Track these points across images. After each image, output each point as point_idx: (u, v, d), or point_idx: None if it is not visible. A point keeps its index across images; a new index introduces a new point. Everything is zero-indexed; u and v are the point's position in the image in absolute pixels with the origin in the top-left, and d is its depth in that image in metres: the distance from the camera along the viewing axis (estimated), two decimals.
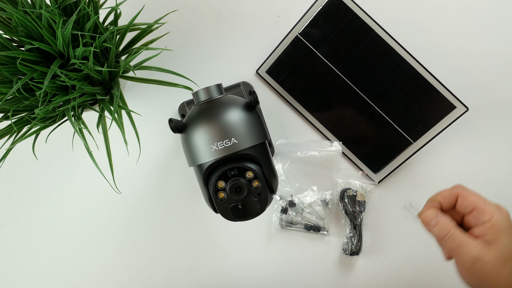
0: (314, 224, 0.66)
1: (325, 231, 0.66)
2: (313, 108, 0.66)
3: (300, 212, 0.66)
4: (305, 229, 0.66)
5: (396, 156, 0.65)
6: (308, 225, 0.66)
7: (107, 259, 0.69)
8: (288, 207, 0.66)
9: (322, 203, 0.66)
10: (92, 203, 0.69)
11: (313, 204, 0.67)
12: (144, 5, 0.54)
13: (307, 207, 0.66)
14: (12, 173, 0.69)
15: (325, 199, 0.66)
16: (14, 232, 0.70)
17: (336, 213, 0.67)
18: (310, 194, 0.67)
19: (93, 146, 0.52)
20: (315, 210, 0.66)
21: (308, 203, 0.66)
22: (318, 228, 0.66)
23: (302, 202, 0.66)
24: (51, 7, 0.47)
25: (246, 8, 0.68)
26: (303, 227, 0.67)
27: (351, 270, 0.67)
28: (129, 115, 0.51)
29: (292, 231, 0.67)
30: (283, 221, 0.67)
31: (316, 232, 0.66)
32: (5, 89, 0.47)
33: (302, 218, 0.66)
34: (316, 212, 0.66)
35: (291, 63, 0.65)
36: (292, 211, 0.66)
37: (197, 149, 0.49)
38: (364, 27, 0.62)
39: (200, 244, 0.68)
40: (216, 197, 0.50)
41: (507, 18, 0.65)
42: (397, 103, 0.64)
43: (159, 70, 0.52)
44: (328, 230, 0.66)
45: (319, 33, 0.64)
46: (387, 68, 0.63)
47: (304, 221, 0.67)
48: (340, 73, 0.64)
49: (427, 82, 0.62)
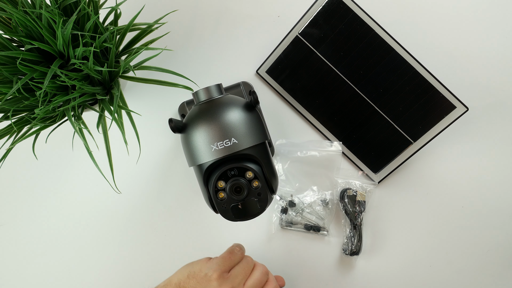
0: (314, 224, 0.66)
1: (325, 231, 0.66)
2: (313, 108, 0.66)
3: (300, 212, 0.66)
4: (305, 229, 0.66)
5: (396, 156, 0.65)
6: (308, 225, 0.66)
7: (107, 259, 0.69)
8: (288, 207, 0.66)
9: (322, 203, 0.66)
10: (92, 203, 0.69)
11: (313, 204, 0.67)
12: (144, 5, 0.54)
13: (307, 207, 0.66)
14: (12, 173, 0.69)
15: (325, 199, 0.66)
16: (14, 232, 0.70)
17: (336, 213, 0.67)
18: (310, 194, 0.67)
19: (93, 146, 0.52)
20: (315, 210, 0.66)
21: (308, 203, 0.66)
22: (318, 228, 0.66)
23: (302, 202, 0.66)
24: (51, 7, 0.47)
25: (246, 8, 0.68)
26: (303, 227, 0.67)
27: (351, 270, 0.67)
28: (129, 115, 0.51)
29: (292, 231, 0.67)
30: (283, 221, 0.67)
31: (316, 232, 0.66)
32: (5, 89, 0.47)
33: (302, 218, 0.66)
34: (316, 212, 0.66)
35: (291, 63, 0.65)
36: (292, 211, 0.66)
37: (197, 149, 0.49)
38: (364, 27, 0.62)
39: (200, 244, 0.68)
40: (216, 197, 0.50)
41: (507, 18, 0.65)
42: (397, 103, 0.64)
43: (159, 70, 0.52)
44: (328, 230, 0.66)
45: (319, 33, 0.64)
46: (387, 68, 0.63)
47: (304, 221, 0.67)
48: (340, 73, 0.64)
49: (427, 82, 0.62)
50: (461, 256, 0.67)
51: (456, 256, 0.67)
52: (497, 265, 0.67)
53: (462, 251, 0.67)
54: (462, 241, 0.67)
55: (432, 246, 0.67)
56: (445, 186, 0.67)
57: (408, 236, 0.67)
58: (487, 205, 0.66)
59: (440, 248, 0.67)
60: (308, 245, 0.67)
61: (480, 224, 0.67)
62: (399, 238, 0.67)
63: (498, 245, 0.66)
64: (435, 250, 0.67)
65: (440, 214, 0.67)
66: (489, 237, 0.66)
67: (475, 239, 0.67)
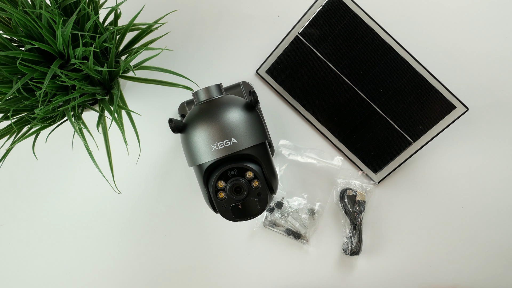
0: (296, 230, 0.66)
1: (304, 240, 0.66)
2: (313, 108, 0.66)
3: (285, 216, 0.66)
4: (285, 233, 0.66)
5: (396, 156, 0.65)
6: (289, 230, 0.66)
7: (107, 259, 0.69)
8: (275, 208, 0.66)
9: (309, 212, 0.66)
10: (92, 203, 0.69)
11: (300, 211, 0.66)
12: (144, 5, 0.54)
13: (293, 212, 0.66)
14: (12, 173, 0.69)
15: (313, 209, 0.66)
16: (14, 232, 0.70)
17: (336, 214, 0.67)
18: (299, 200, 0.66)
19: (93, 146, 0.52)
20: (300, 217, 0.66)
21: (295, 208, 0.66)
22: (299, 235, 0.66)
23: (290, 206, 0.66)
24: (51, 7, 0.47)
25: (246, 8, 0.68)
26: (284, 230, 0.66)
27: (351, 270, 0.67)
28: (129, 115, 0.51)
29: (273, 232, 0.67)
30: (267, 220, 0.66)
31: (296, 238, 0.66)
32: (5, 89, 0.47)
33: (286, 222, 0.66)
34: (301, 219, 0.66)
35: (291, 63, 0.65)
36: (278, 213, 0.66)
37: (197, 149, 0.49)
38: (364, 27, 0.62)
39: (200, 244, 0.68)
40: (216, 197, 0.50)
41: (507, 18, 0.65)
42: (397, 103, 0.64)
43: (159, 70, 0.52)
44: (308, 239, 0.66)
45: (319, 33, 0.64)
46: (387, 68, 0.63)
47: (287, 225, 0.66)
48: (340, 73, 0.64)
49: (427, 82, 0.62)
50: (461, 256, 0.67)
51: (456, 256, 0.67)
52: (497, 265, 0.67)
53: (462, 251, 0.67)
54: (462, 241, 0.67)
55: (432, 246, 0.67)
56: (445, 186, 0.67)
57: (408, 236, 0.67)
58: (487, 205, 0.66)
59: (440, 248, 0.67)
60: (285, 249, 0.67)
61: (480, 224, 0.67)
62: (399, 238, 0.67)
63: (498, 245, 0.66)
64: (435, 250, 0.67)
65: (440, 214, 0.67)
66: (489, 237, 0.66)
67: (475, 239, 0.67)
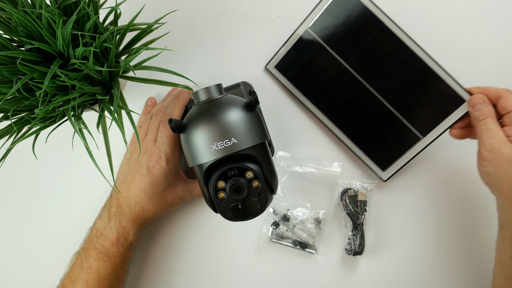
0: (303, 240, 0.66)
1: (313, 249, 0.66)
2: (321, 103, 0.66)
3: (291, 228, 0.66)
4: (292, 245, 0.66)
5: (405, 152, 0.64)
6: (296, 241, 0.66)
7: None
8: (281, 221, 0.66)
9: (315, 221, 0.66)
10: (92, 203, 0.69)
11: (306, 221, 0.66)
12: (144, 5, 0.54)
13: (299, 223, 0.66)
14: (12, 173, 0.69)
15: (318, 217, 0.66)
16: (14, 232, 0.70)
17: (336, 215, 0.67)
18: (303, 210, 0.66)
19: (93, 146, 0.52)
20: (306, 227, 0.66)
21: (300, 219, 0.66)
22: (306, 245, 0.66)
23: (295, 218, 0.66)
24: (51, 7, 0.47)
25: (246, 8, 0.68)
26: (291, 242, 0.66)
27: (354, 270, 0.67)
28: (129, 115, 0.51)
29: (280, 245, 0.67)
30: (273, 234, 0.66)
31: (303, 249, 0.66)
32: (5, 89, 0.47)
33: (293, 234, 0.66)
34: (307, 230, 0.66)
35: (301, 58, 0.65)
36: (284, 226, 0.66)
37: (197, 149, 0.49)
38: (374, 20, 0.62)
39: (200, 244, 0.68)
40: (216, 197, 0.50)
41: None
42: (406, 97, 0.63)
43: (159, 70, 0.52)
44: (316, 249, 0.66)
45: (329, 27, 0.63)
46: (396, 61, 0.62)
47: (294, 237, 0.66)
48: (350, 67, 0.63)
49: (436, 75, 0.61)
50: (461, 256, 0.67)
51: (456, 256, 0.67)
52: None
53: (462, 251, 0.67)
54: (462, 241, 0.67)
55: (433, 246, 0.67)
56: (449, 185, 0.67)
57: (408, 236, 0.67)
58: (487, 205, 0.66)
59: (440, 248, 0.67)
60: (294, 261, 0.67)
61: (480, 224, 0.66)
62: (399, 238, 0.67)
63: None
64: (435, 250, 0.67)
65: (440, 213, 0.67)
66: (489, 237, 0.66)
67: (475, 239, 0.67)
